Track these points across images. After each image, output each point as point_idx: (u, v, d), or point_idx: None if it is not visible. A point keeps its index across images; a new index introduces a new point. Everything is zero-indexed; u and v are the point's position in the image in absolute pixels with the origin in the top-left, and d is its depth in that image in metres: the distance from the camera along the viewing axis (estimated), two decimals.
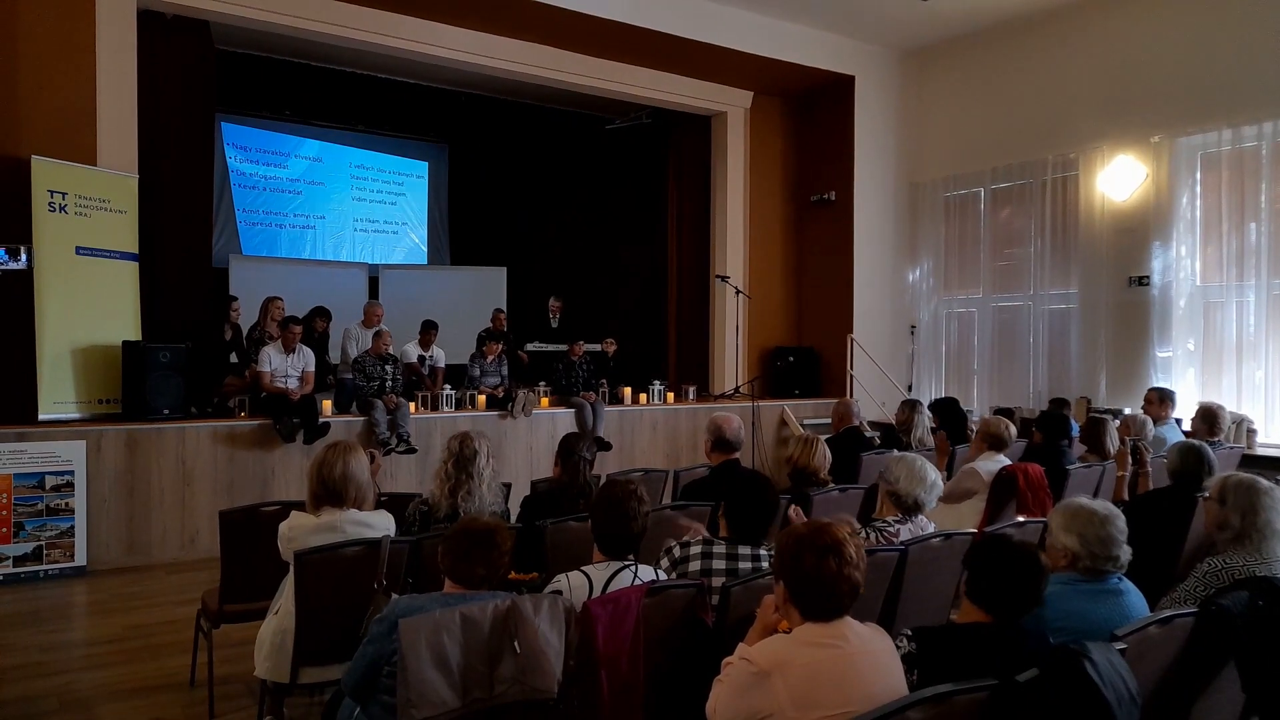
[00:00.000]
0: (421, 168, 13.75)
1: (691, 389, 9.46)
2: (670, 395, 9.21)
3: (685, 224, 10.77)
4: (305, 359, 7.17)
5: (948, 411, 6.89)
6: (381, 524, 3.41)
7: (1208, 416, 6.18)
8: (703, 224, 10.57)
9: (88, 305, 6.49)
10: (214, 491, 6.49)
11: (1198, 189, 7.99)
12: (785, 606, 2.16)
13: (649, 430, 8.77)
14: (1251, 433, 7.23)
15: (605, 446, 8.05)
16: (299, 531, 3.24)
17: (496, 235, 13.31)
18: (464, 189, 13.79)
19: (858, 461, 5.73)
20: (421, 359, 8.41)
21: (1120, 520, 2.74)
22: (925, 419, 6.58)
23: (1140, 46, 8.22)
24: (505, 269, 12.00)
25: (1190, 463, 4.13)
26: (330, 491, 3.31)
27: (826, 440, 4.74)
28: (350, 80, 10.41)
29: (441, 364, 8.52)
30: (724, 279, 9.97)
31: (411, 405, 7.47)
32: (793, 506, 3.65)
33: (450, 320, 9.56)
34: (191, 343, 6.88)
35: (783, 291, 10.64)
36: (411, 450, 7.09)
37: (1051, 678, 2.01)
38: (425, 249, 13.76)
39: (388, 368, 7.38)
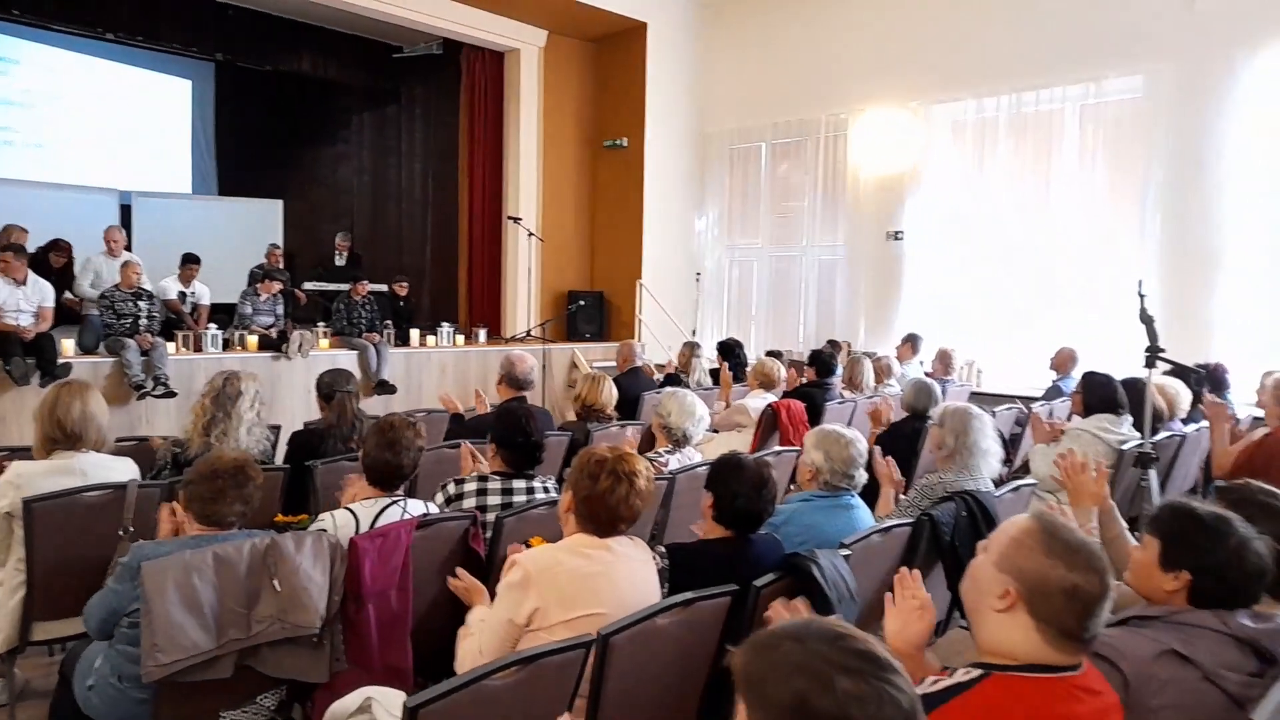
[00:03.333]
0: (184, 86, 12.44)
1: (482, 331, 9.36)
2: (461, 338, 9.08)
3: (479, 162, 10.51)
4: (42, 293, 6.39)
5: (732, 352, 7.37)
6: (124, 470, 3.18)
7: (943, 358, 7.07)
8: (496, 163, 10.37)
9: None
10: None
11: (947, 153, 8.82)
12: (565, 514, 2.30)
13: (437, 373, 8.61)
14: (980, 373, 8.23)
15: (390, 389, 7.85)
16: (28, 477, 2.95)
17: (272, 165, 12.36)
18: (234, 112, 12.62)
19: (640, 400, 5.98)
20: (182, 295, 7.74)
21: (861, 444, 3.08)
22: (703, 361, 6.96)
23: (904, 15, 8.86)
24: (281, 202, 11.22)
25: (921, 397, 4.70)
26: (68, 434, 3.06)
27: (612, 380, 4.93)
28: None
29: (205, 301, 7.89)
30: (516, 220, 9.89)
31: (171, 345, 6.89)
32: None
33: (218, 255, 8.84)
34: None
35: (575, 235, 10.70)
36: (170, 394, 6.54)
37: (784, 581, 2.24)
38: (190, 177, 12.55)
39: (142, 304, 6.74)
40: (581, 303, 10.22)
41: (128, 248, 8.00)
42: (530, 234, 9.88)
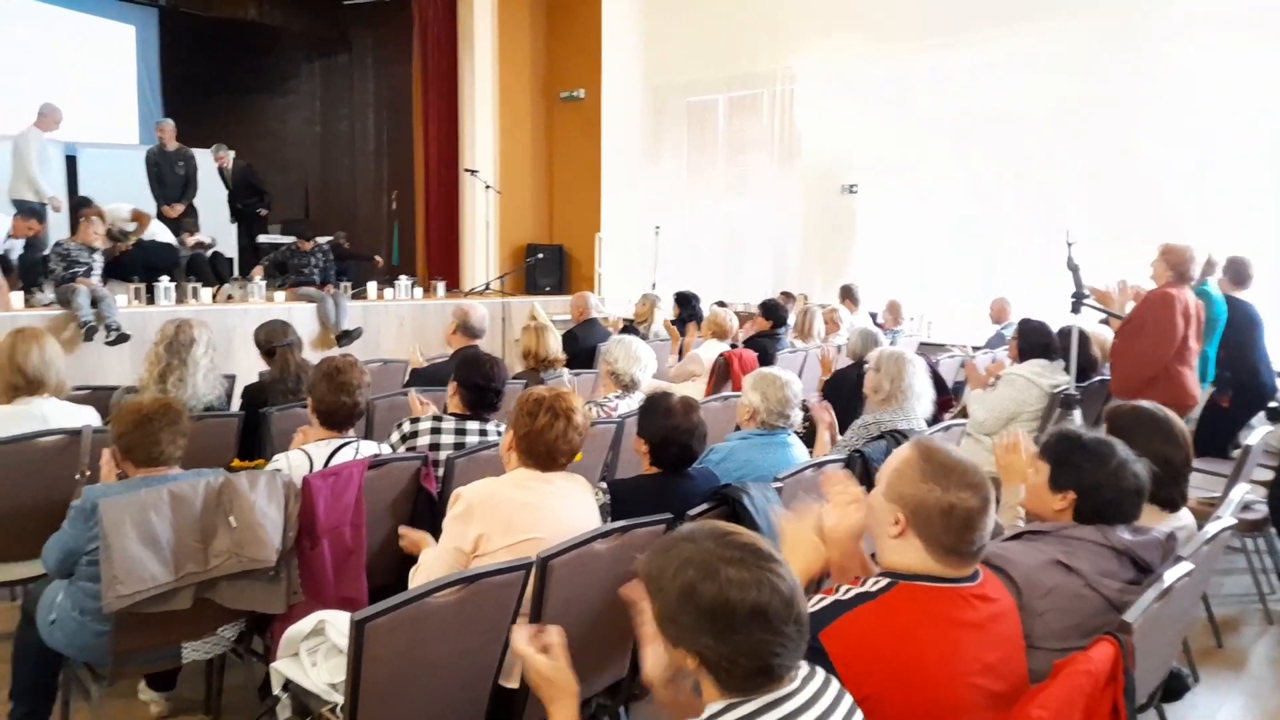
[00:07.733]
0: (127, 32, 12.06)
1: (441, 284, 9.37)
2: (419, 290, 9.09)
3: (433, 113, 10.38)
4: None
5: (688, 303, 7.51)
6: (85, 416, 3.23)
7: (893, 309, 7.32)
8: (451, 114, 10.26)
9: None
10: None
11: (899, 105, 8.88)
12: (507, 453, 2.41)
13: (395, 325, 8.63)
14: (929, 324, 8.46)
15: (354, 336, 7.90)
16: None
17: (218, 115, 12.05)
18: (179, 60, 12.26)
19: (596, 350, 6.10)
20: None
21: (796, 386, 3.22)
22: (660, 313, 7.08)
23: None
24: (233, 154, 10.98)
25: (865, 344, 4.87)
26: (30, 380, 3.11)
27: (568, 332, 5.06)
28: None
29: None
30: (473, 173, 9.83)
31: (122, 298, 6.83)
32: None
33: None
34: None
35: (533, 188, 10.67)
36: (124, 337, 6.50)
37: (717, 510, 2.39)
38: (137, 128, 12.22)
39: (97, 256, 6.70)
40: (540, 256, 10.25)
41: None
42: (488, 186, 9.84)
